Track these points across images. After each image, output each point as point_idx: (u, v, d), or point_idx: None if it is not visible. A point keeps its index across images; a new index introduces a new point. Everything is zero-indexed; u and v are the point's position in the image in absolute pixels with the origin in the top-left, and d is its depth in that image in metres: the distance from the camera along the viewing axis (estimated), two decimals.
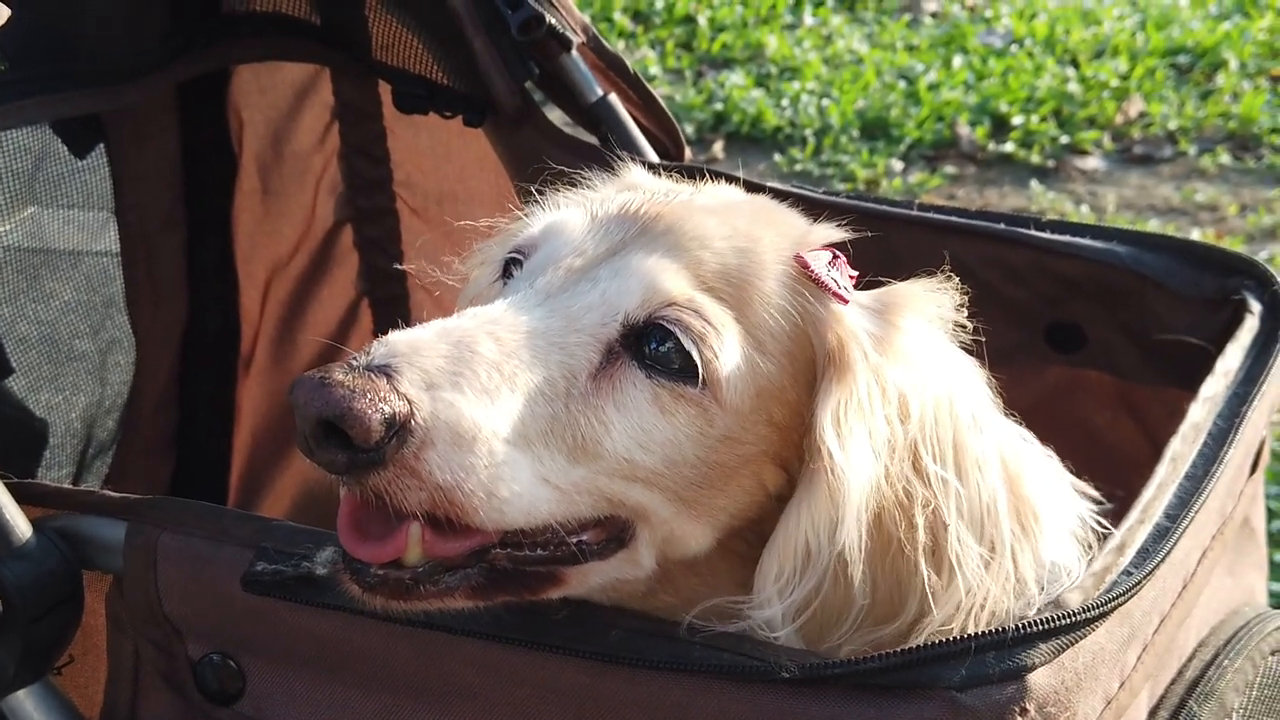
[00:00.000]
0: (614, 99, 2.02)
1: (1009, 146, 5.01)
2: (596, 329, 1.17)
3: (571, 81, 2.01)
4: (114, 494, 1.34)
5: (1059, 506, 1.28)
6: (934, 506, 1.17)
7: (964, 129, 5.09)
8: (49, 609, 1.27)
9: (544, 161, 1.57)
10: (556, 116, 2.08)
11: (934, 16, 6.29)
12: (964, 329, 1.29)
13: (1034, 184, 4.81)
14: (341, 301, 2.37)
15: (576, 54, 2.00)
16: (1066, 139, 5.06)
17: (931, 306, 1.27)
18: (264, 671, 1.25)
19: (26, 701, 1.30)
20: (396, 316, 2.24)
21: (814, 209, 1.46)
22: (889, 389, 1.19)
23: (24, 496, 1.32)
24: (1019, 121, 5.11)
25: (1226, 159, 4.94)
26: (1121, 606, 1.13)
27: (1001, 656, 1.05)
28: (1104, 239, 1.76)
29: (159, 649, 1.28)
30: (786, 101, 5.36)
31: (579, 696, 1.13)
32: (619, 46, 5.67)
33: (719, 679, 1.09)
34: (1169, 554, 1.20)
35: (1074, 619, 1.08)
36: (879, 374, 1.20)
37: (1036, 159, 4.96)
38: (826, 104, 5.30)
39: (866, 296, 1.27)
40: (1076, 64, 5.59)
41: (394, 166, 2.31)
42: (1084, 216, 4.56)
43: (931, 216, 1.82)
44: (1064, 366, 1.84)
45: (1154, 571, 1.17)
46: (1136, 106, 5.23)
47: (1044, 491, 1.26)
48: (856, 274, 1.29)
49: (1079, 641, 1.09)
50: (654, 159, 2.01)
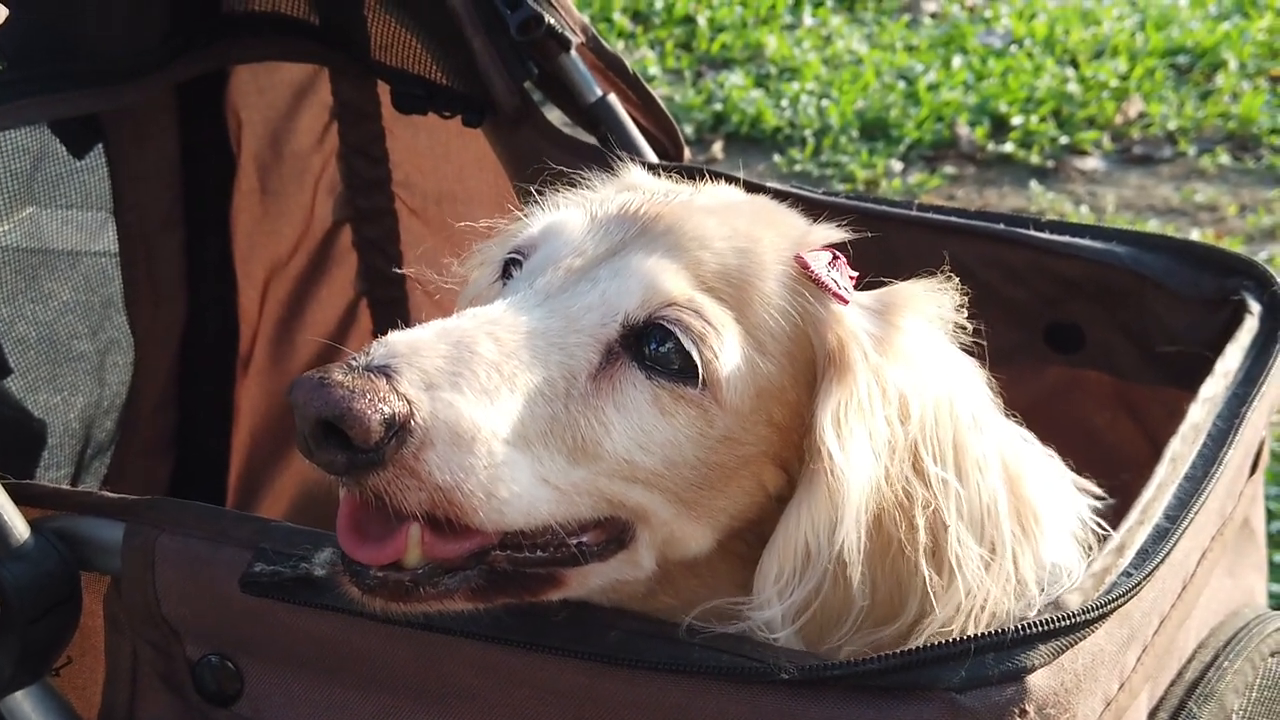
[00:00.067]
0: (613, 99, 2.02)
1: (1008, 147, 5.01)
2: (596, 329, 1.17)
3: (570, 82, 2.01)
4: (112, 495, 1.33)
5: (1059, 507, 1.27)
6: (934, 507, 1.16)
7: (963, 129, 5.09)
8: (47, 610, 1.27)
9: (543, 162, 1.57)
10: (556, 117, 2.08)
11: (933, 17, 6.29)
12: (964, 330, 1.29)
13: (1033, 184, 4.81)
14: (340, 301, 2.37)
15: (575, 54, 2.00)
16: (1066, 139, 5.05)
17: (932, 307, 1.27)
18: (262, 673, 1.24)
19: (24, 703, 1.30)
20: (395, 317, 2.24)
21: (814, 209, 1.46)
22: (889, 389, 1.19)
23: (22, 497, 1.32)
24: (1018, 122, 5.10)
25: (1226, 159, 4.94)
26: (1121, 608, 1.13)
27: (1001, 658, 1.05)
28: (1103, 239, 1.75)
29: (157, 650, 1.27)
30: (786, 102, 5.36)
31: (578, 698, 1.13)
32: (618, 47, 5.67)
33: (718, 680, 1.09)
34: (1168, 555, 1.20)
35: (1073, 620, 1.08)
36: (879, 374, 1.20)
37: (1036, 159, 4.96)
38: (826, 104, 5.30)
39: (866, 297, 1.27)
40: (1076, 64, 5.59)
41: (393, 167, 2.30)
42: (1083, 217, 4.56)
43: (931, 217, 1.82)
44: (1063, 367, 1.84)
45: (1153, 573, 1.17)
46: (1136, 107, 5.23)
47: (1044, 492, 1.26)
48: (856, 274, 1.29)
49: (1078, 643, 1.09)
50: (653, 159, 2.00)
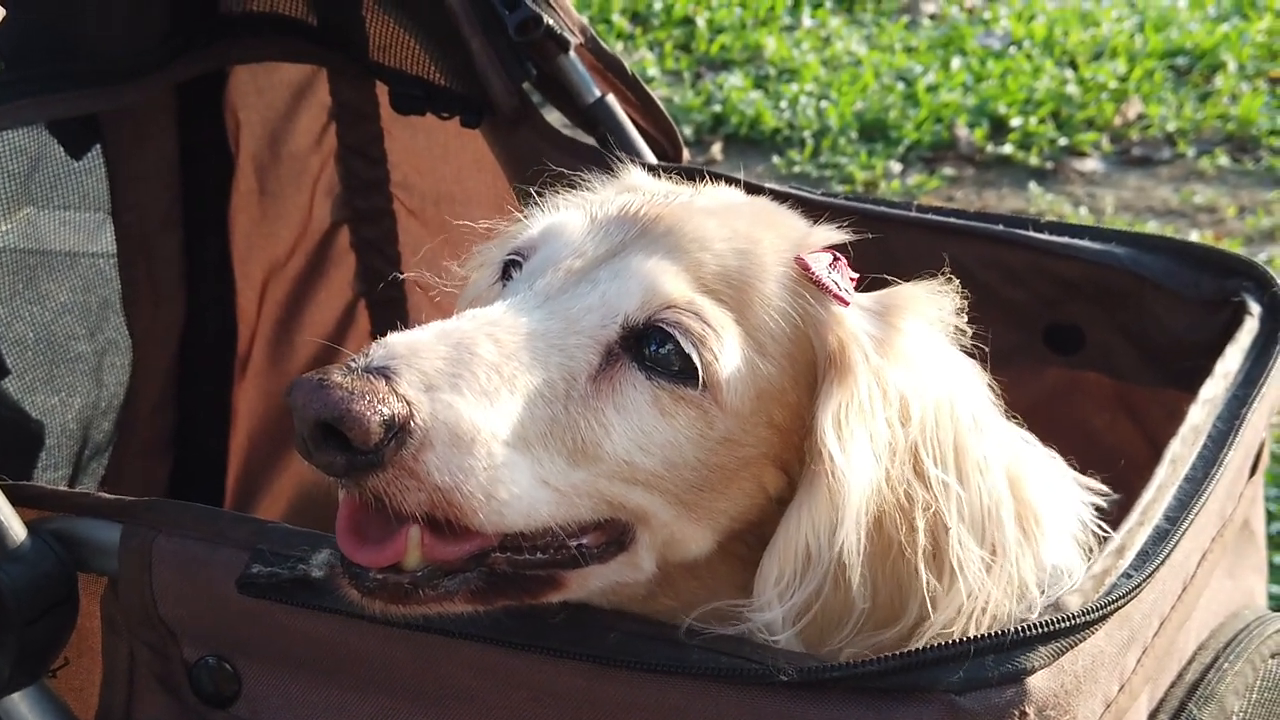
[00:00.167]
0: (612, 100, 2.02)
1: (1007, 148, 5.01)
2: (596, 331, 1.17)
3: (569, 82, 2.01)
4: (109, 496, 1.33)
5: (1060, 509, 1.27)
6: (935, 509, 1.16)
7: (962, 131, 5.09)
8: (44, 611, 1.26)
9: (542, 163, 1.57)
10: (554, 118, 2.07)
11: (932, 18, 6.29)
12: (964, 332, 1.29)
13: (1032, 186, 4.81)
14: (338, 303, 2.37)
15: (574, 55, 1.99)
16: (1065, 141, 5.05)
17: (932, 309, 1.27)
18: (260, 674, 1.24)
19: (22, 704, 1.30)
20: (394, 318, 2.24)
21: (813, 211, 1.46)
22: (890, 391, 1.19)
23: (19, 498, 1.32)
24: (1017, 123, 5.10)
25: (1225, 161, 4.94)
26: (1121, 609, 1.13)
27: (1000, 659, 1.05)
28: (1103, 240, 1.75)
29: (154, 651, 1.27)
30: (785, 103, 5.36)
31: (577, 699, 1.13)
32: (617, 48, 5.67)
33: (717, 682, 1.08)
34: (1169, 556, 1.19)
35: (1073, 622, 1.08)
36: (880, 376, 1.20)
37: (1035, 161, 4.96)
38: (825, 106, 5.29)
39: (867, 298, 1.27)
40: (1075, 66, 5.59)
41: (391, 167, 2.30)
42: (1082, 218, 4.55)
43: (930, 218, 1.81)
44: (1063, 368, 1.84)
45: (1154, 574, 1.17)
46: (1135, 108, 5.23)
47: (1045, 494, 1.26)
48: (857, 276, 1.29)
49: (1078, 644, 1.09)
50: (652, 160, 2.00)
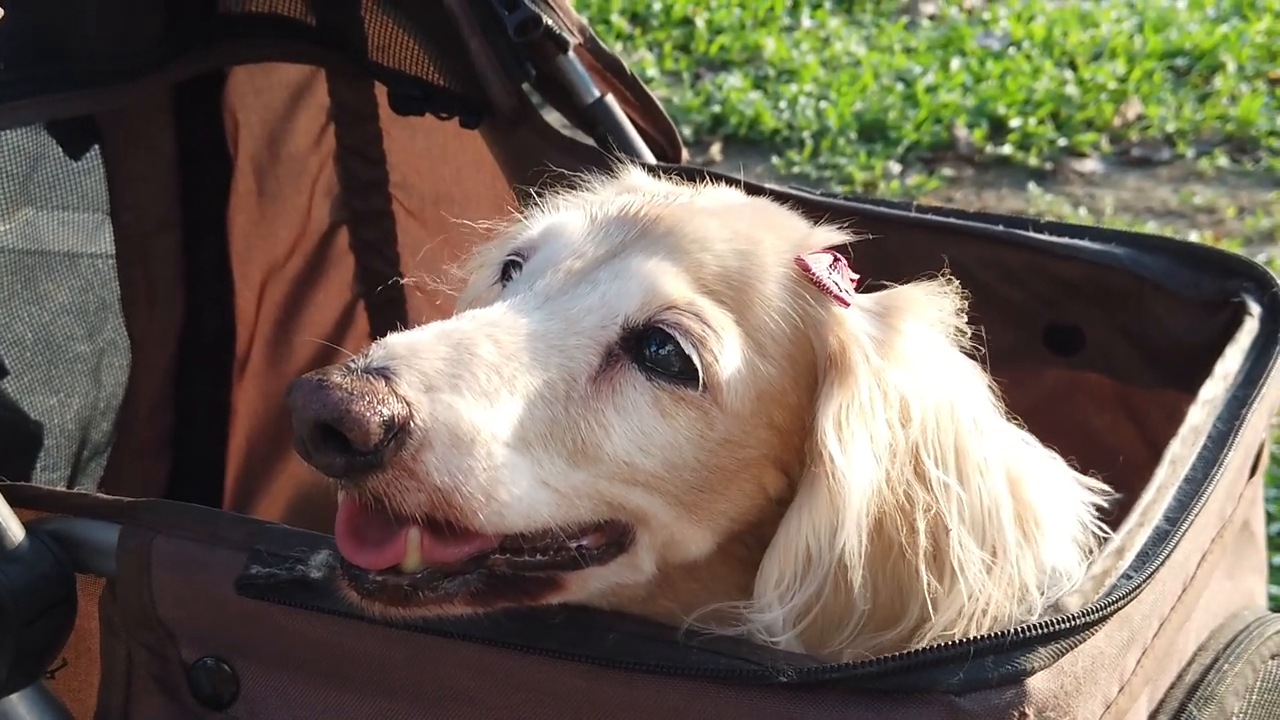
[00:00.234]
0: (611, 100, 2.01)
1: (1007, 149, 5.01)
2: (596, 332, 1.17)
3: (568, 83, 2.01)
4: (107, 497, 1.33)
5: (1060, 510, 1.27)
6: (935, 511, 1.16)
7: (962, 131, 5.08)
8: (42, 612, 1.26)
9: (541, 163, 1.56)
10: (554, 118, 2.07)
11: (932, 19, 6.29)
12: (964, 333, 1.29)
13: (1032, 186, 4.81)
14: (337, 303, 2.36)
15: (573, 55, 1.99)
16: (1064, 141, 5.05)
17: (933, 310, 1.27)
18: (258, 676, 1.24)
19: (19, 705, 1.29)
20: (393, 319, 2.23)
21: (813, 211, 1.45)
22: (890, 393, 1.19)
23: (17, 499, 1.31)
24: (1017, 124, 5.10)
25: (1224, 161, 4.94)
26: (1121, 610, 1.12)
27: (1000, 660, 1.04)
28: (1102, 241, 1.75)
29: (152, 653, 1.27)
30: (784, 104, 5.36)
31: (576, 700, 1.13)
32: (616, 48, 5.66)
33: (716, 683, 1.08)
34: (1168, 557, 1.19)
35: (1073, 623, 1.08)
36: (880, 377, 1.19)
37: (1034, 161, 4.96)
38: (824, 106, 5.29)
39: (867, 299, 1.27)
40: (1074, 66, 5.59)
41: (390, 168, 2.30)
42: (1082, 219, 4.55)
43: (930, 218, 1.81)
44: (1063, 369, 1.84)
45: (1154, 575, 1.17)
46: (1134, 109, 5.23)
47: (1045, 495, 1.25)
48: (857, 277, 1.28)
49: (1078, 645, 1.08)
50: (651, 161, 2.00)
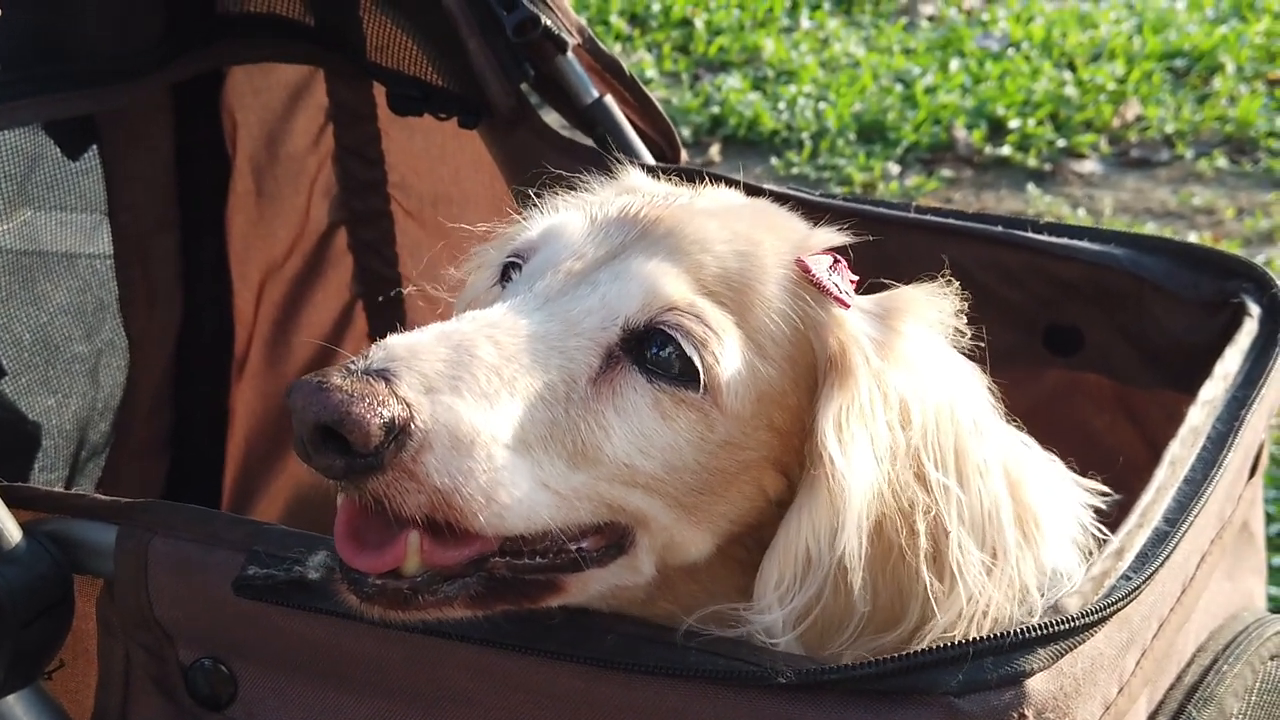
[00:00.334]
0: (610, 101, 2.01)
1: (1006, 150, 5.01)
2: (596, 333, 1.17)
3: (567, 83, 2.00)
4: (105, 498, 1.33)
5: (1059, 511, 1.27)
6: (935, 513, 1.16)
7: (961, 132, 5.08)
8: (39, 613, 1.26)
9: (540, 164, 1.56)
10: (553, 119, 2.07)
11: (931, 20, 6.29)
12: (963, 334, 1.29)
13: (1031, 187, 4.81)
14: (336, 304, 2.36)
15: (572, 56, 1.99)
16: (1063, 142, 5.05)
17: (932, 311, 1.26)
18: (256, 676, 1.24)
19: (16, 706, 1.29)
20: (392, 319, 2.23)
21: (813, 212, 1.45)
22: (890, 394, 1.19)
23: (15, 500, 1.31)
24: (1016, 125, 5.10)
25: (1223, 162, 4.94)
26: (1120, 611, 1.12)
27: (1000, 662, 1.04)
28: (1102, 241, 1.75)
29: (150, 654, 1.27)
30: (783, 105, 5.36)
31: (574, 702, 1.13)
32: (615, 49, 5.66)
33: (715, 684, 1.08)
34: (1168, 558, 1.19)
35: (1073, 624, 1.07)
36: (880, 379, 1.19)
37: (1033, 162, 4.96)
38: (823, 107, 5.29)
39: (867, 301, 1.27)
40: (1073, 67, 5.59)
41: (388, 168, 2.30)
42: (1081, 220, 4.55)
43: (929, 219, 1.81)
44: (1062, 370, 1.84)
45: (1153, 576, 1.17)
46: (1133, 110, 5.23)
47: (1045, 497, 1.25)
48: (856, 278, 1.28)
49: (1078, 647, 1.08)
50: (650, 161, 1.99)
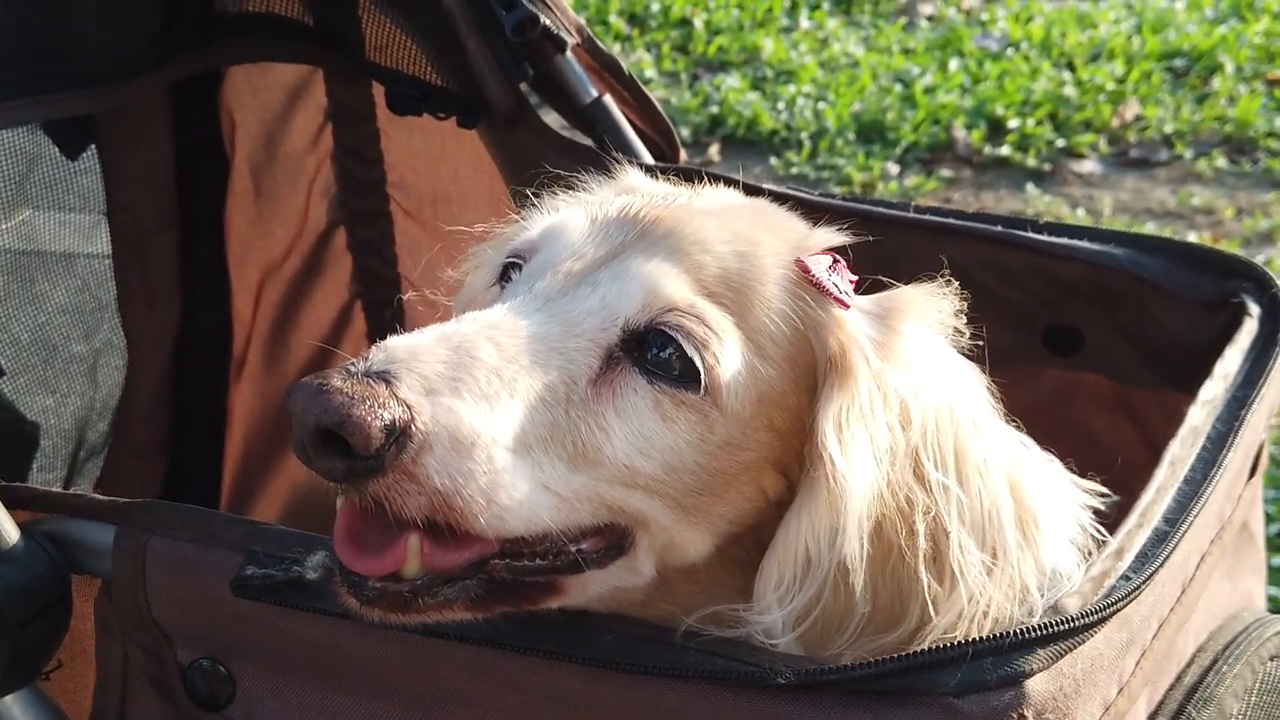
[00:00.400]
0: (609, 101, 2.01)
1: (1005, 150, 5.01)
2: (596, 334, 1.16)
3: (566, 83, 2.00)
4: (103, 498, 1.32)
5: (1059, 512, 1.27)
6: (935, 513, 1.16)
7: (960, 132, 5.08)
8: (37, 613, 1.26)
9: (539, 164, 1.56)
10: (552, 119, 2.07)
11: (930, 20, 6.29)
12: (963, 334, 1.28)
13: (1030, 187, 4.81)
14: (335, 304, 2.36)
15: (571, 55, 1.99)
16: (1063, 142, 5.05)
17: (932, 311, 1.26)
18: (254, 677, 1.23)
19: (14, 706, 1.29)
20: (390, 319, 2.23)
21: (812, 212, 1.45)
22: (890, 395, 1.18)
23: (12, 500, 1.31)
24: (1015, 125, 5.10)
25: (1223, 162, 4.94)
26: (1120, 612, 1.12)
27: (999, 662, 1.04)
28: (1101, 241, 1.75)
29: (148, 654, 1.26)
30: (782, 104, 5.35)
31: (573, 702, 1.12)
32: (614, 49, 5.66)
33: (714, 684, 1.08)
34: (1168, 559, 1.19)
35: (1072, 624, 1.07)
36: (880, 379, 1.19)
37: (1032, 162, 4.96)
38: (822, 107, 5.29)
39: (867, 301, 1.27)
40: (1072, 67, 5.59)
41: (387, 168, 2.30)
42: (1080, 220, 4.55)
43: (929, 219, 1.81)
44: (1062, 370, 1.83)
45: (1153, 576, 1.16)
46: (1132, 110, 5.23)
47: (1044, 497, 1.25)
48: (856, 278, 1.28)
49: (1077, 647, 1.08)
50: (649, 161, 1.99)
